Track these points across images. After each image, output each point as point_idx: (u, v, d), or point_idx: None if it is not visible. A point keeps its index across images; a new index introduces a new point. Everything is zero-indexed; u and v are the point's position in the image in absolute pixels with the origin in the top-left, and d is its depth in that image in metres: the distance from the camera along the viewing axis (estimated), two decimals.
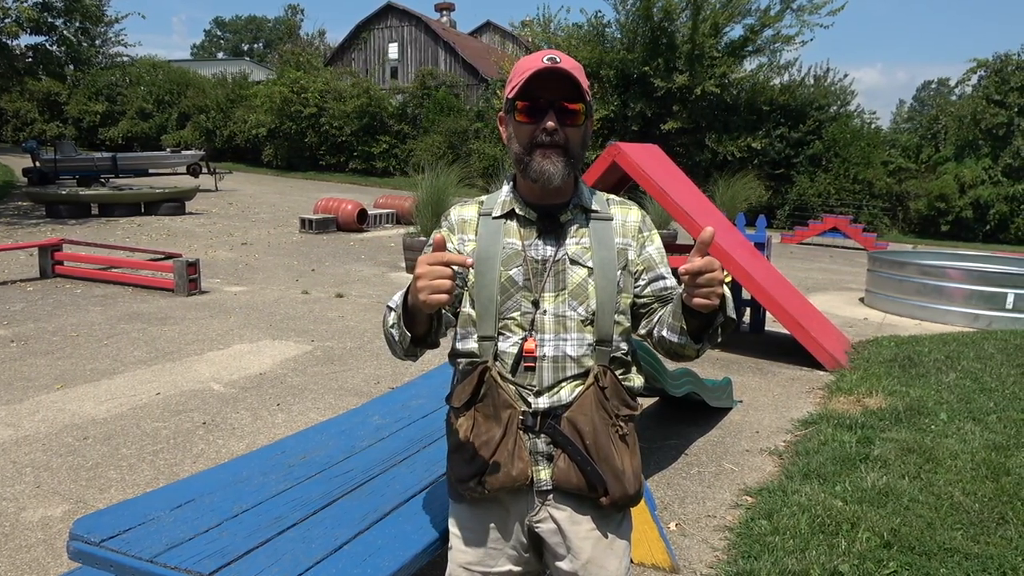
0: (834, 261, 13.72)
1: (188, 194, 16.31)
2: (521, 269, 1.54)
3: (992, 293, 8.07)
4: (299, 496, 2.17)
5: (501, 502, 1.59)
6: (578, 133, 1.52)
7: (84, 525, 1.88)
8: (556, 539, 1.59)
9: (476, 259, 1.56)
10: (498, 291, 1.54)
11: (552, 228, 1.56)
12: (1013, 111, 20.09)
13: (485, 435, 1.54)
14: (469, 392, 1.56)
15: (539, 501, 1.57)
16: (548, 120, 1.47)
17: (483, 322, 1.55)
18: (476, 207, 1.64)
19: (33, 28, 17.66)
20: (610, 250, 1.56)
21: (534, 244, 1.56)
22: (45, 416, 4.43)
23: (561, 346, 1.53)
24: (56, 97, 34.90)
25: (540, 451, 1.54)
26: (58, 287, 8.27)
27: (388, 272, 10.03)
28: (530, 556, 1.63)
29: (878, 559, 2.92)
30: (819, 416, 4.75)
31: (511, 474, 1.52)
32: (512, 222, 1.58)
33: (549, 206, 1.57)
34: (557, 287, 1.54)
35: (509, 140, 1.56)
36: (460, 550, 1.65)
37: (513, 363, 1.54)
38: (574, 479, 1.52)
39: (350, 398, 4.89)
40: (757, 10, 20.61)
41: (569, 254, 1.55)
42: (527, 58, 1.52)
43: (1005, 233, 19.63)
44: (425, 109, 28.62)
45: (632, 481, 1.56)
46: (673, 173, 6.94)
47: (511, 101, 1.51)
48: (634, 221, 1.63)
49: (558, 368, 1.53)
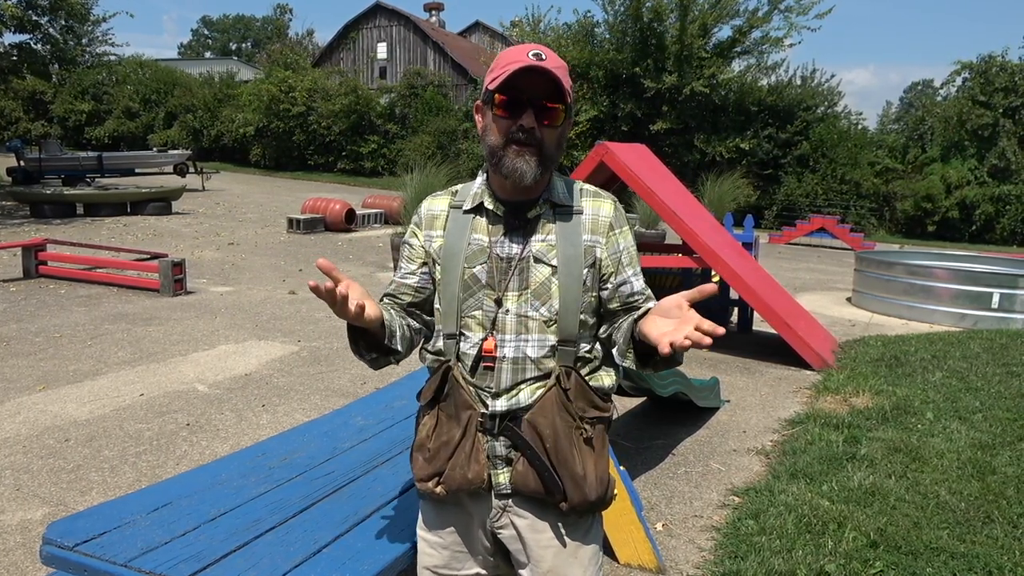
0: (821, 261, 13.77)
1: (175, 194, 16.20)
2: (485, 266, 1.51)
3: (978, 293, 8.11)
4: (279, 498, 2.13)
5: (463, 505, 1.57)
6: (555, 133, 1.48)
7: (58, 529, 1.84)
8: (517, 546, 1.56)
9: (442, 255, 1.55)
10: (460, 288, 1.51)
11: (519, 225, 1.52)
12: (998, 112, 20.25)
13: (446, 435, 1.52)
14: (433, 390, 1.55)
15: (500, 506, 1.54)
16: (526, 117, 1.44)
17: (447, 319, 1.54)
18: (448, 199, 1.61)
19: (17, 26, 17.50)
20: (576, 247, 1.51)
21: (500, 241, 1.52)
22: (26, 418, 4.37)
23: (522, 347, 1.49)
24: (41, 96, 34.60)
25: (499, 454, 1.51)
26: (42, 287, 8.18)
27: (376, 272, 9.99)
28: (497, 559, 1.61)
29: (865, 559, 2.91)
30: (806, 416, 4.75)
31: (467, 476, 1.49)
32: (481, 217, 1.55)
33: (519, 202, 1.53)
34: (520, 286, 1.50)
35: (484, 131, 1.51)
36: (426, 553, 1.63)
37: (472, 364, 1.51)
38: (531, 483, 1.49)
39: (336, 399, 4.85)
40: (745, 11, 20.71)
41: (534, 252, 1.50)
42: (511, 50, 1.47)
43: (991, 233, 19.78)
44: (413, 109, 28.55)
45: (594, 487, 1.50)
46: (662, 173, 6.94)
47: (490, 92, 1.47)
48: (605, 216, 1.56)
49: (517, 370, 1.50)
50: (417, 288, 1.60)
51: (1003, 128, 20.14)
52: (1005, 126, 20.13)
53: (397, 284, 1.62)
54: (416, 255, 1.60)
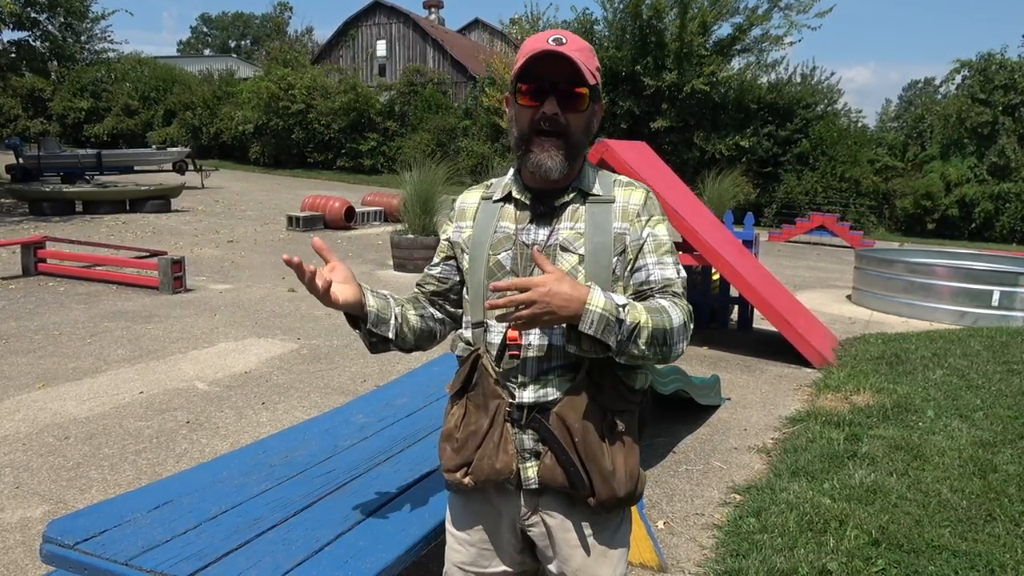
0: (821, 259, 13.77)
1: (174, 191, 16.17)
2: (510, 253, 1.51)
3: (978, 291, 8.11)
4: (280, 497, 2.13)
5: (490, 501, 1.56)
6: (581, 119, 1.46)
7: (58, 527, 1.84)
8: (545, 543, 1.55)
9: (470, 244, 1.56)
10: (485, 275, 1.52)
11: (547, 212, 1.51)
12: (998, 110, 20.24)
13: (474, 424, 1.51)
14: (462, 380, 1.54)
15: (529, 505, 1.53)
16: (548, 105, 1.42)
17: (474, 307, 1.55)
18: (481, 191, 1.63)
19: (15, 23, 17.44)
20: (606, 235, 1.48)
21: (527, 228, 1.52)
22: (26, 415, 4.36)
23: (547, 335, 1.47)
24: (40, 93, 34.53)
25: (527, 448, 1.49)
26: (41, 285, 8.16)
27: (376, 270, 9.97)
28: (524, 556, 1.60)
29: (866, 557, 2.91)
30: (807, 413, 4.75)
31: (495, 467, 1.48)
32: (509, 205, 1.55)
33: (548, 190, 1.52)
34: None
35: (511, 123, 1.51)
36: (454, 549, 1.62)
37: (498, 352, 1.50)
38: (559, 478, 1.47)
39: (336, 396, 4.84)
40: (745, 9, 20.68)
41: (560, 240, 1.49)
42: (534, 37, 1.46)
43: (990, 231, 19.78)
44: (413, 106, 28.52)
45: (624, 482, 1.48)
46: (662, 171, 6.94)
47: (514, 82, 1.46)
48: (636, 204, 1.52)
49: (543, 358, 1.47)
50: (439, 278, 1.65)
51: (1003, 126, 20.13)
52: (1005, 124, 20.12)
53: (424, 274, 1.69)
54: (443, 247, 1.65)
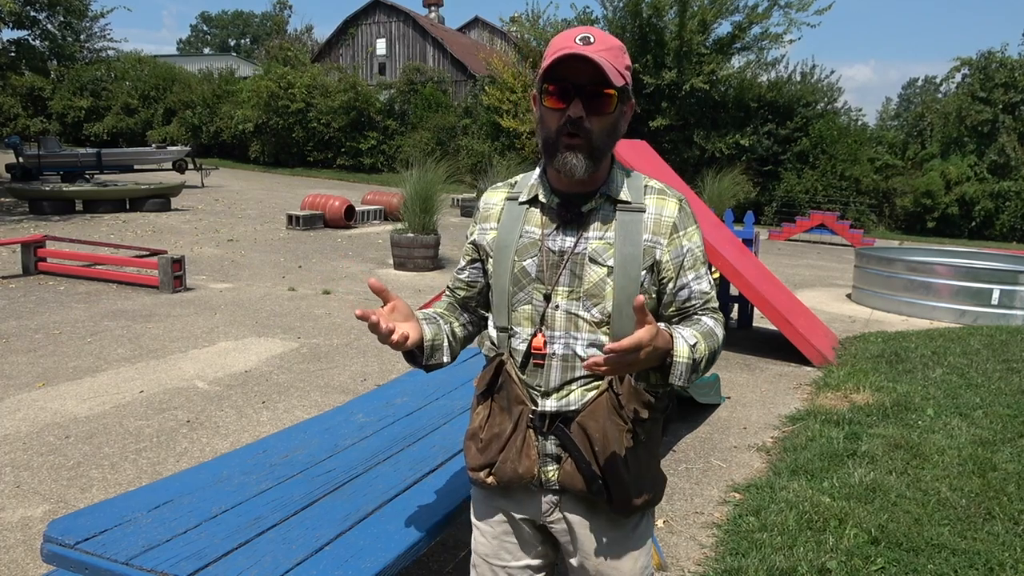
0: (821, 257, 13.77)
1: (174, 190, 16.16)
2: (535, 260, 1.49)
3: (978, 289, 8.11)
4: (280, 496, 2.13)
5: (513, 499, 1.58)
6: (605, 122, 1.41)
7: (59, 527, 1.84)
8: (567, 539, 1.58)
9: (495, 248, 1.54)
10: (510, 282, 1.51)
11: (573, 218, 1.48)
12: (998, 108, 20.24)
13: (498, 427, 1.53)
14: (487, 382, 1.55)
15: (551, 504, 1.55)
16: (573, 107, 1.38)
17: (498, 312, 1.55)
18: (505, 191, 1.60)
19: (15, 22, 17.42)
20: (635, 247, 1.45)
21: (552, 235, 1.49)
22: (26, 415, 4.37)
23: (571, 344, 1.47)
24: (40, 92, 34.47)
25: (549, 452, 1.51)
26: (41, 284, 8.16)
27: (376, 269, 9.97)
28: (546, 548, 1.63)
29: (866, 555, 2.91)
30: (806, 412, 4.75)
31: (518, 471, 1.50)
32: (535, 209, 1.52)
33: (575, 194, 1.49)
34: (572, 283, 1.46)
35: (538, 123, 1.47)
36: (479, 541, 1.66)
37: (522, 360, 1.50)
38: (578, 483, 1.48)
39: (336, 395, 4.85)
40: (745, 7, 20.67)
41: (589, 250, 1.46)
42: (562, 35, 1.42)
43: (990, 230, 19.79)
44: (413, 105, 28.49)
45: (642, 492, 1.52)
46: (662, 169, 6.93)
47: (540, 82, 1.42)
48: (669, 216, 1.48)
49: (567, 368, 1.47)
50: (468, 283, 1.65)
51: (1002, 124, 20.14)
52: (1004, 122, 20.13)
53: (453, 278, 1.67)
54: (468, 250, 1.63)
